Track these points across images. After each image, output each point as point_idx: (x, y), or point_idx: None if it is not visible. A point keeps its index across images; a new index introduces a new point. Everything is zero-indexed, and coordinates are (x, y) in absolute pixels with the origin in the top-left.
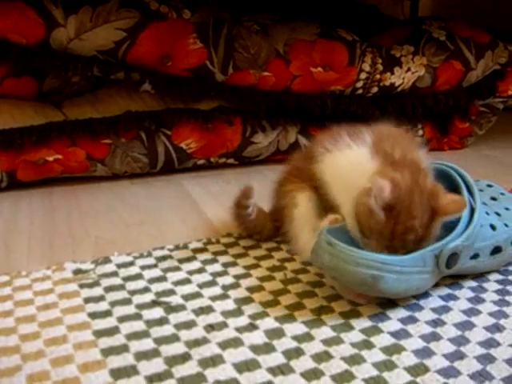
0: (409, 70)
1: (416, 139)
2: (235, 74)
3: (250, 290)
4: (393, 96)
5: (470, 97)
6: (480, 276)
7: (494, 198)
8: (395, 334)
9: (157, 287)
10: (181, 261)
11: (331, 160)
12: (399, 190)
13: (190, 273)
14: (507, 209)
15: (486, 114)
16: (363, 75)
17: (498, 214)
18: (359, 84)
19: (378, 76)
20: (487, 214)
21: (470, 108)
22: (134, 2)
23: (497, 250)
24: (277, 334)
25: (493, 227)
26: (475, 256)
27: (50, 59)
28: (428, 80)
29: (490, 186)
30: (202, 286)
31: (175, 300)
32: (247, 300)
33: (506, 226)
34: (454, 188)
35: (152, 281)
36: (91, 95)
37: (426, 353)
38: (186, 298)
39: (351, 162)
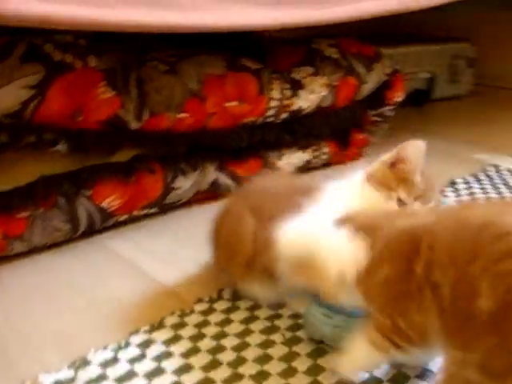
0: (313, 91)
1: None
2: (151, 120)
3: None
4: (300, 118)
5: (364, 109)
6: None
7: None
8: None
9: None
10: (167, 342)
11: None
12: None
13: (186, 355)
14: None
15: (379, 122)
16: (273, 103)
17: None
18: (270, 112)
19: (286, 102)
20: None
21: (364, 119)
22: (35, 54)
23: None
24: None
25: None
26: None
27: None
28: (330, 99)
29: None
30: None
31: None
32: None
33: None
34: None
35: (151, 375)
36: None
37: None
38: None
39: None
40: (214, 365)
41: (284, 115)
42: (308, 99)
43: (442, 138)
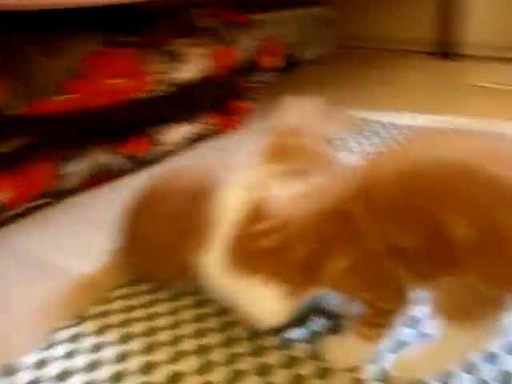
0: (193, 62)
1: None
2: (33, 105)
3: None
4: (183, 91)
5: (242, 76)
6: None
7: None
8: None
9: None
10: (97, 332)
11: None
12: None
13: (121, 342)
14: None
15: (258, 89)
16: (156, 77)
17: None
18: (153, 86)
19: (168, 75)
20: None
21: (244, 86)
22: None
23: None
24: None
25: None
26: None
27: None
28: (210, 68)
29: None
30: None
31: None
32: None
33: None
34: None
35: (90, 368)
36: None
37: None
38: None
39: None
40: (153, 347)
41: (167, 88)
42: (189, 70)
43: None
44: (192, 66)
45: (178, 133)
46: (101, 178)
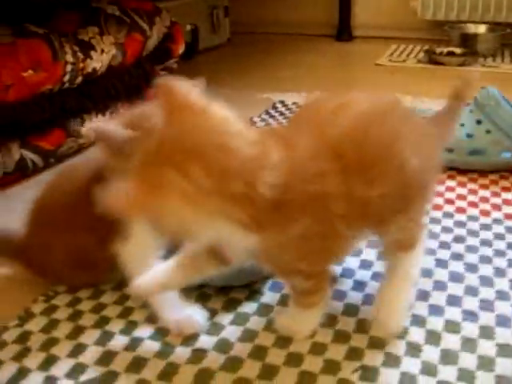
0: (102, 51)
1: None
2: None
3: None
4: (94, 81)
5: (152, 63)
6: None
7: None
8: None
9: None
10: (46, 329)
11: None
12: None
13: (74, 337)
14: None
15: (165, 76)
16: (69, 67)
17: None
18: (66, 77)
19: (81, 65)
20: None
21: (152, 73)
22: None
23: None
24: None
25: None
26: None
27: None
28: (119, 57)
29: None
30: None
31: None
32: None
33: None
34: None
35: (45, 366)
36: None
37: None
38: None
39: None
40: (106, 338)
41: (79, 79)
42: (100, 60)
43: (220, 87)
44: (103, 54)
45: (90, 124)
46: (14, 177)
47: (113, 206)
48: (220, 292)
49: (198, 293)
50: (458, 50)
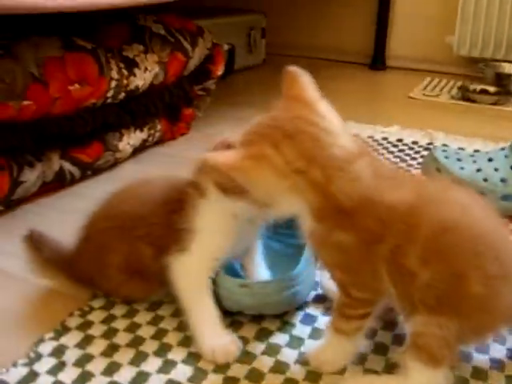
0: (146, 69)
1: None
2: None
3: None
4: (136, 98)
5: (190, 83)
6: None
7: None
8: None
9: None
10: (81, 345)
11: None
12: None
13: (108, 354)
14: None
15: (203, 96)
16: (113, 83)
17: None
18: (110, 93)
19: (125, 81)
20: None
21: (191, 94)
22: None
23: None
24: None
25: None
26: None
27: None
28: (161, 76)
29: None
30: None
31: None
32: None
33: None
34: None
35: (79, 382)
36: None
37: None
38: None
39: None
40: (140, 357)
41: (122, 95)
42: (143, 77)
43: (250, 107)
44: (146, 72)
45: (130, 139)
46: (53, 186)
47: (220, 163)
48: (252, 320)
49: (231, 320)
50: (491, 89)
